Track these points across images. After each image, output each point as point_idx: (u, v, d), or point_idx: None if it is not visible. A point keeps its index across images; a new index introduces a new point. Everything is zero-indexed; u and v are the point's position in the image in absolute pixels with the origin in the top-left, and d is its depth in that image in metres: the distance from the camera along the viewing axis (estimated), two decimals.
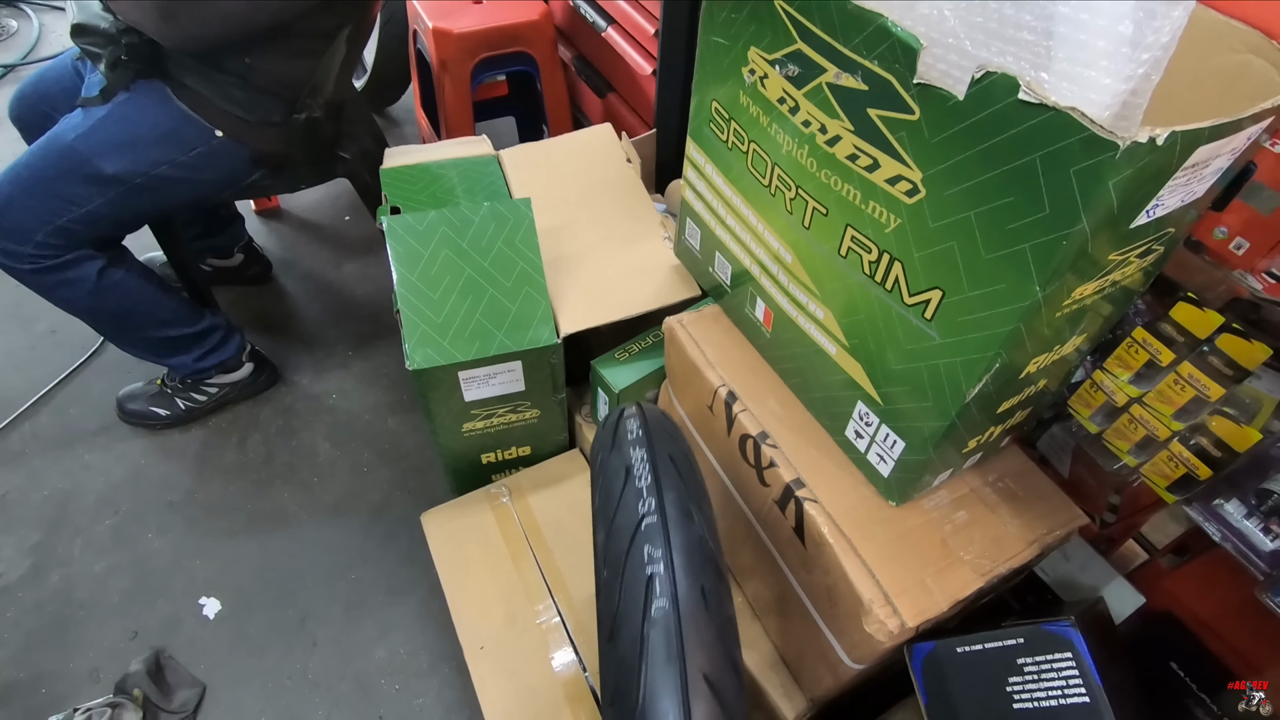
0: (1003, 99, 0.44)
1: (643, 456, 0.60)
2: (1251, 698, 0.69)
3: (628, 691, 0.50)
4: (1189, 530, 0.96)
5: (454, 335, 0.91)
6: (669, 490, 0.58)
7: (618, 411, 0.68)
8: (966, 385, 0.57)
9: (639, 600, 0.52)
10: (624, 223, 1.09)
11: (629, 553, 0.54)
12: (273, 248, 1.70)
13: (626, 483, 0.58)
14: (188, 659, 1.09)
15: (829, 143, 0.59)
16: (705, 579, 0.54)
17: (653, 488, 0.57)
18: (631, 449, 0.61)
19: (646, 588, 0.52)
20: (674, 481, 0.59)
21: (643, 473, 0.59)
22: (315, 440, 1.36)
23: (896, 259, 0.58)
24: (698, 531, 0.57)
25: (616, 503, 0.58)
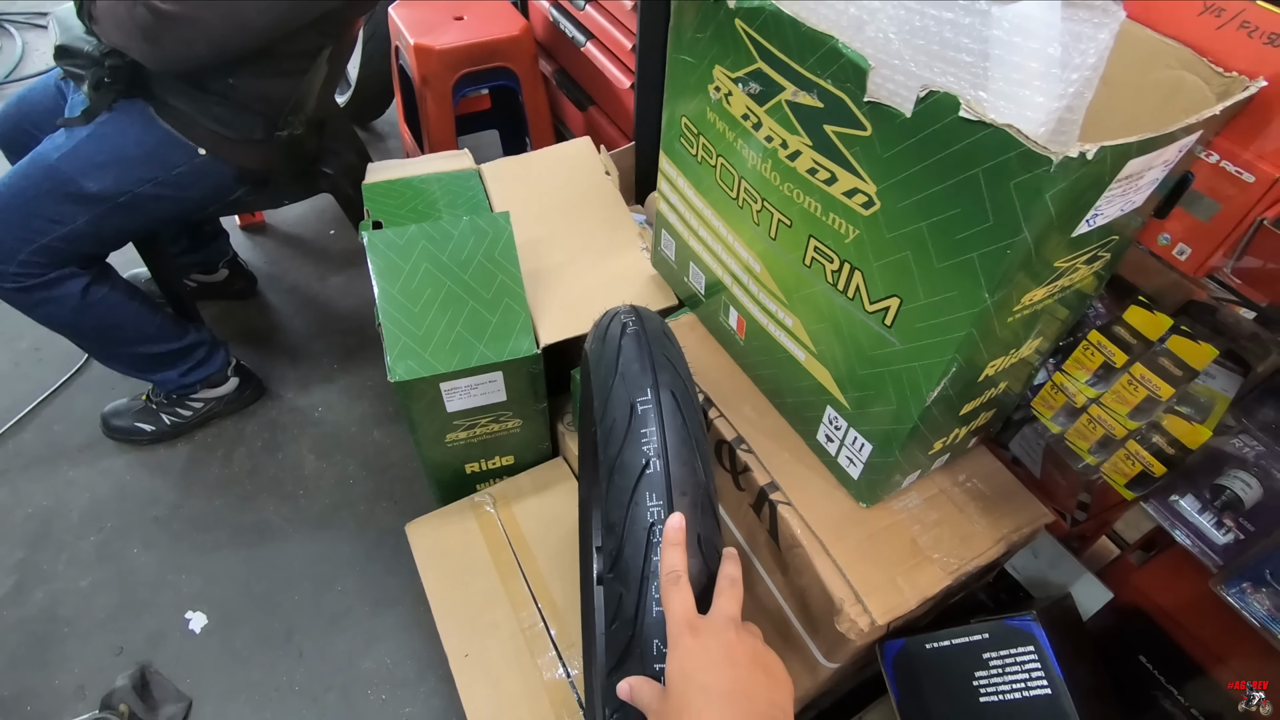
0: (945, 116, 0.47)
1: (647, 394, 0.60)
2: (1251, 698, 0.69)
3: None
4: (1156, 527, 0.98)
5: (435, 347, 0.92)
6: (671, 434, 0.58)
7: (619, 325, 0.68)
8: (926, 388, 0.60)
9: (640, 544, 0.54)
10: (602, 234, 1.11)
11: (633, 496, 0.55)
12: (257, 262, 1.71)
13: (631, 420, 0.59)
14: (174, 673, 1.09)
15: (790, 157, 0.61)
16: (702, 529, 0.56)
17: (658, 431, 0.57)
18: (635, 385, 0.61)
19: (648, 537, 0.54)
20: (676, 423, 0.59)
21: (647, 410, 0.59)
22: (301, 453, 1.37)
23: (856, 268, 0.60)
24: (697, 474, 0.58)
25: (622, 439, 0.58)
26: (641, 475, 0.55)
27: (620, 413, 0.58)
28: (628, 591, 0.53)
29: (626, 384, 0.59)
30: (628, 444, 0.56)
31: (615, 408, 0.59)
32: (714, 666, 0.48)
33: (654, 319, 0.70)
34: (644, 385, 0.59)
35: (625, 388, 0.59)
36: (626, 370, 0.60)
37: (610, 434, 0.58)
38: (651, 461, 0.55)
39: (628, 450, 0.56)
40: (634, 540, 0.54)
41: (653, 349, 0.63)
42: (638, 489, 0.54)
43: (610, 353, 0.64)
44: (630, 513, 0.54)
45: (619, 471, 0.56)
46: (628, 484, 0.55)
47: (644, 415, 0.57)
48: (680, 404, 0.59)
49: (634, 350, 0.62)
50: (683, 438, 0.58)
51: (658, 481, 0.55)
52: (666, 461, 0.55)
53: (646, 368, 0.60)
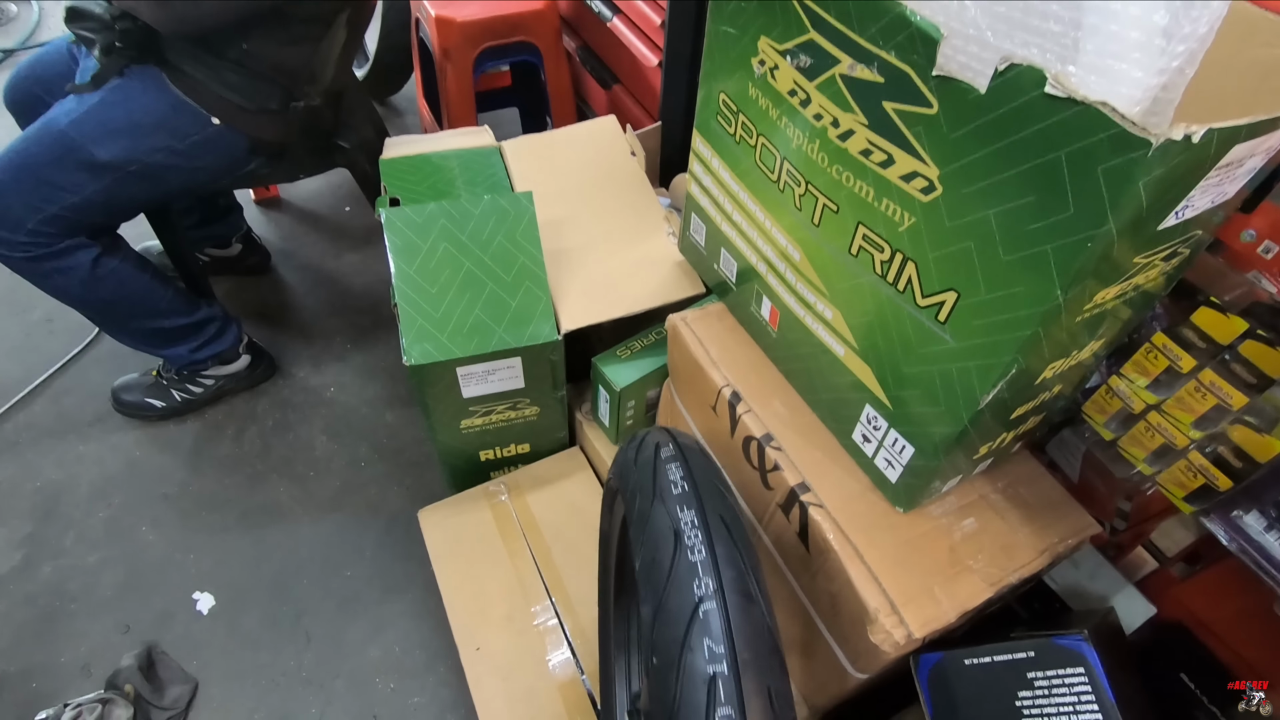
0: (1027, 93, 0.42)
1: (693, 520, 0.54)
2: (1252, 698, 0.68)
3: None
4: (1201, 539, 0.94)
5: (452, 330, 0.89)
6: (726, 567, 0.52)
7: (651, 446, 0.63)
8: (980, 390, 0.55)
9: (700, 705, 0.47)
10: (627, 217, 1.06)
11: (685, 643, 0.49)
12: (271, 237, 1.68)
13: (677, 552, 0.53)
14: (181, 654, 1.07)
15: (841, 137, 0.57)
16: (772, 679, 0.50)
17: (709, 564, 0.52)
18: (679, 508, 0.55)
19: (709, 692, 0.47)
20: (730, 554, 0.53)
21: (695, 543, 0.53)
22: (312, 434, 1.34)
23: (910, 259, 0.56)
24: (760, 618, 0.52)
25: (666, 576, 0.52)
26: (693, 621, 0.49)
27: (663, 542, 0.53)
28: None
29: (684, 582, 0.52)
30: (672, 583, 0.50)
31: (673, 598, 0.52)
32: None
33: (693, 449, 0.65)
34: (706, 579, 0.52)
35: (683, 587, 0.52)
36: (681, 562, 0.53)
37: (653, 564, 0.52)
38: (705, 603, 0.49)
39: (673, 590, 0.50)
40: (691, 700, 0.48)
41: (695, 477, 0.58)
42: (690, 634, 0.48)
43: (660, 527, 0.56)
44: (684, 660, 0.48)
45: (665, 614, 0.50)
46: (678, 630, 0.49)
47: (704, 621, 0.50)
48: (731, 532, 0.54)
49: (695, 530, 0.55)
50: (740, 570, 0.52)
51: (715, 628, 0.49)
52: (725, 603, 0.50)
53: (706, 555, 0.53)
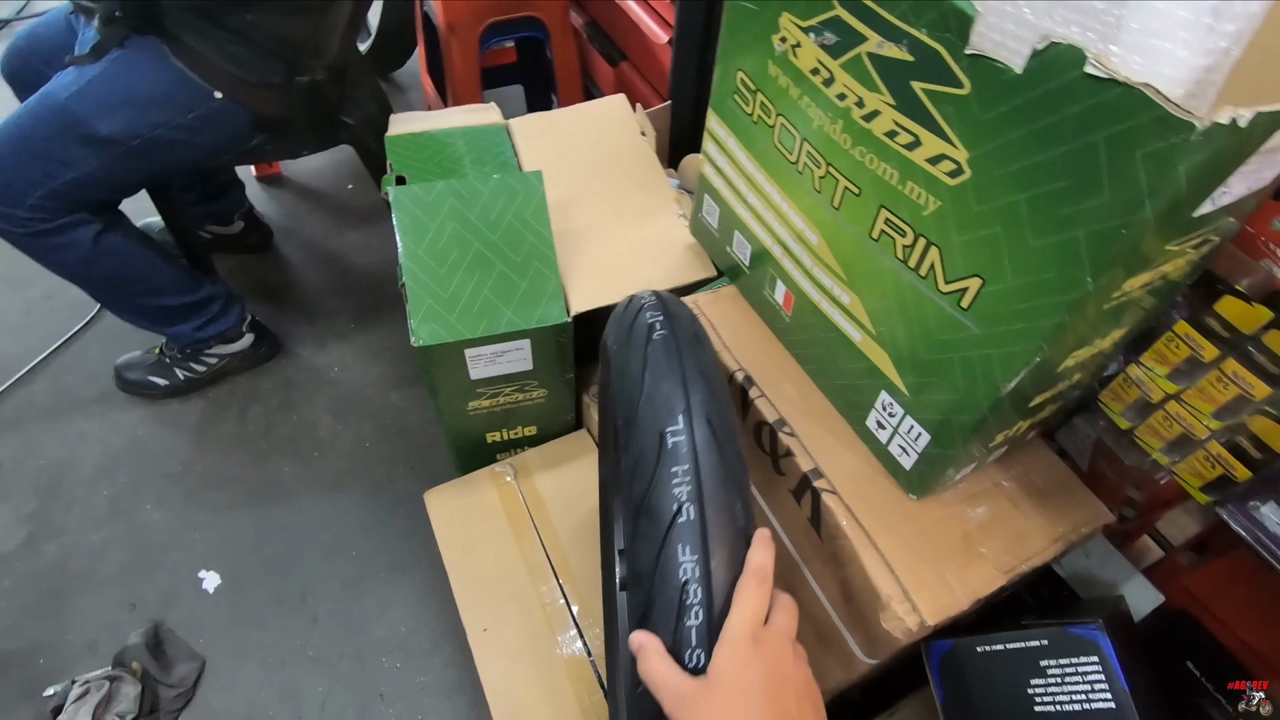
0: (1066, 73, 0.41)
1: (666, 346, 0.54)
2: (1252, 698, 0.68)
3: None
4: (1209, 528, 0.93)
5: (461, 311, 0.88)
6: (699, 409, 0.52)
7: (637, 302, 0.62)
8: (1003, 379, 0.55)
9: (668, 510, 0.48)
10: (637, 198, 1.05)
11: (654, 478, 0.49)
12: (273, 215, 1.66)
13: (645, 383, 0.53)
14: (187, 633, 1.08)
15: (866, 118, 0.55)
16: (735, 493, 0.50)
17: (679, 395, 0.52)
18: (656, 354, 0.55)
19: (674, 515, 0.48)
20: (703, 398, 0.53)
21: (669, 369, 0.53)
22: (316, 413, 1.34)
23: (934, 243, 0.55)
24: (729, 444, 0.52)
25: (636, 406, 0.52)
26: (673, 524, 0.47)
27: (648, 442, 0.50)
28: None
29: (655, 408, 0.51)
30: (657, 484, 0.48)
31: (642, 435, 0.51)
32: (767, 680, 0.44)
33: (684, 316, 0.62)
34: (675, 411, 0.51)
35: (653, 412, 0.51)
36: (654, 391, 0.52)
37: (637, 466, 0.51)
38: (685, 509, 0.47)
39: (657, 491, 0.48)
40: (665, 599, 0.47)
41: (684, 362, 0.55)
42: (669, 539, 0.47)
43: (635, 361, 0.55)
44: (661, 566, 0.47)
45: (647, 515, 0.49)
46: (658, 532, 0.48)
47: (675, 450, 0.49)
48: (718, 435, 0.52)
49: (663, 363, 0.54)
50: (720, 479, 0.50)
51: (692, 533, 0.47)
52: (702, 509, 0.48)
53: (678, 388, 0.52)
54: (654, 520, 0.48)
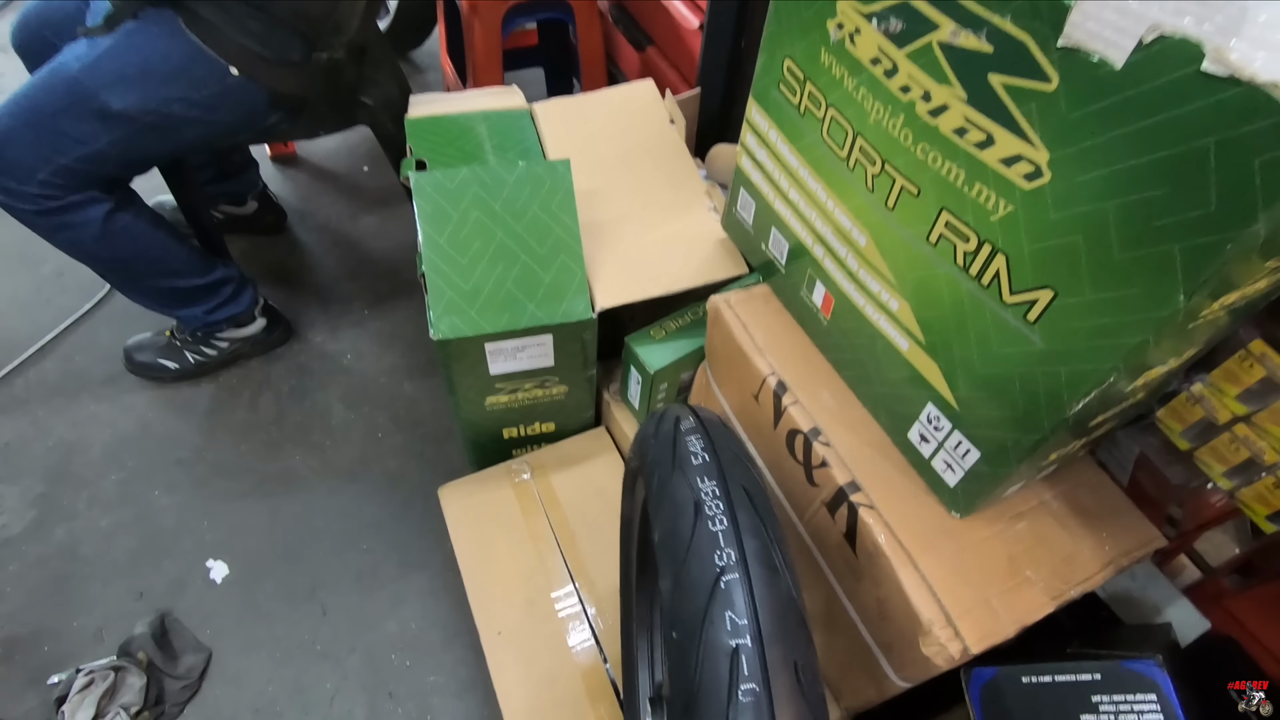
0: (1176, 70, 0.37)
1: (714, 491, 0.52)
2: (1252, 698, 0.67)
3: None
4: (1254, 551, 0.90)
5: (482, 304, 0.85)
6: (750, 537, 0.50)
7: (671, 419, 0.60)
8: (1070, 399, 0.51)
9: (722, 679, 0.45)
10: (665, 189, 1.01)
11: (707, 615, 0.47)
12: (288, 196, 1.62)
13: (697, 523, 0.50)
14: (194, 623, 1.06)
15: (933, 112, 0.51)
16: (798, 652, 0.47)
17: (730, 534, 0.50)
18: (699, 478, 0.53)
19: (731, 664, 0.45)
20: (753, 524, 0.51)
21: (716, 512, 0.51)
22: (329, 401, 1.31)
23: (1000, 251, 0.51)
24: (785, 588, 0.50)
25: (686, 547, 0.50)
26: (714, 593, 0.46)
27: (683, 512, 0.50)
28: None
29: (704, 548, 0.50)
30: (693, 554, 0.48)
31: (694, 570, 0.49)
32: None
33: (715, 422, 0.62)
34: (727, 544, 0.50)
35: (703, 555, 0.49)
36: (702, 532, 0.50)
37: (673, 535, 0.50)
38: (727, 574, 0.47)
39: (693, 561, 0.48)
40: (713, 674, 0.45)
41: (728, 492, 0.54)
42: (712, 607, 0.46)
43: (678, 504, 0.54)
44: (705, 634, 0.45)
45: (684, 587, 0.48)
46: (699, 602, 0.46)
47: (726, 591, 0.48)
48: (754, 502, 0.51)
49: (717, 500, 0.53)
50: (764, 541, 0.50)
51: (738, 600, 0.46)
52: (748, 574, 0.47)
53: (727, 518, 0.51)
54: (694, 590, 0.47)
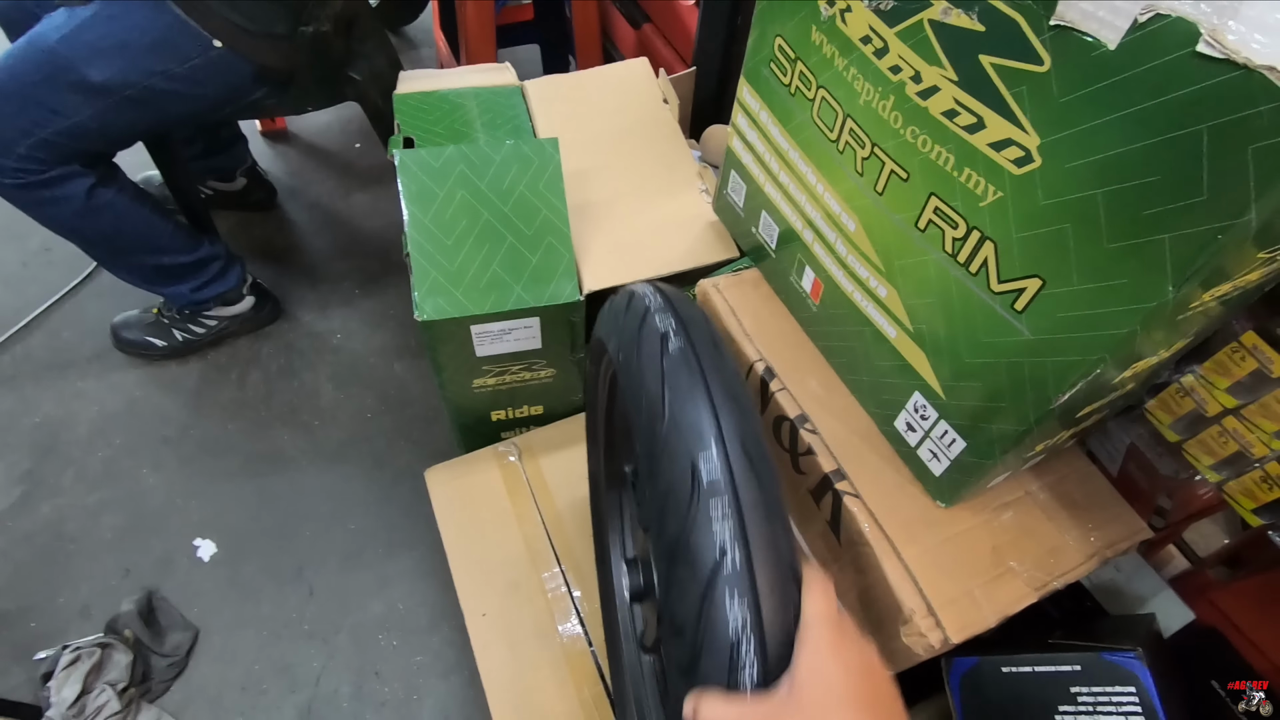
0: (1170, 51, 0.36)
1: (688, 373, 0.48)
2: (1252, 698, 0.66)
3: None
4: (1242, 542, 0.89)
5: (468, 286, 0.83)
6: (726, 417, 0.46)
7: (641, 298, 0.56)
8: (1055, 390, 0.50)
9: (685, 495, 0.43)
10: (658, 171, 0.99)
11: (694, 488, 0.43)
12: (278, 173, 1.60)
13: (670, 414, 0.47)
14: (181, 601, 1.06)
15: (922, 94, 0.50)
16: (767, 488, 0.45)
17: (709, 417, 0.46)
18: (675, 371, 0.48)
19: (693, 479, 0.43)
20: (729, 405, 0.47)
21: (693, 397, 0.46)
22: (318, 381, 1.30)
23: (989, 238, 0.50)
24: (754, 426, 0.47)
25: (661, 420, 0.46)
26: (717, 571, 0.41)
27: (678, 475, 0.44)
28: None
29: (682, 435, 0.45)
30: (694, 524, 0.42)
31: (670, 465, 0.45)
32: (862, 677, 0.39)
33: (698, 319, 0.55)
34: (707, 439, 0.44)
35: (681, 440, 0.44)
36: (679, 416, 0.45)
37: (667, 502, 0.44)
38: (729, 553, 0.41)
39: (695, 533, 0.42)
40: (714, 655, 0.41)
41: (709, 380, 0.48)
42: (713, 588, 0.41)
43: (651, 378, 0.48)
44: (706, 618, 0.41)
45: (684, 560, 0.42)
46: (698, 580, 0.41)
47: (711, 485, 0.43)
48: (755, 463, 0.46)
49: (685, 381, 0.47)
50: (764, 513, 0.44)
51: (739, 580, 0.41)
52: (749, 552, 0.41)
53: (706, 412, 0.45)
54: (693, 566, 0.42)
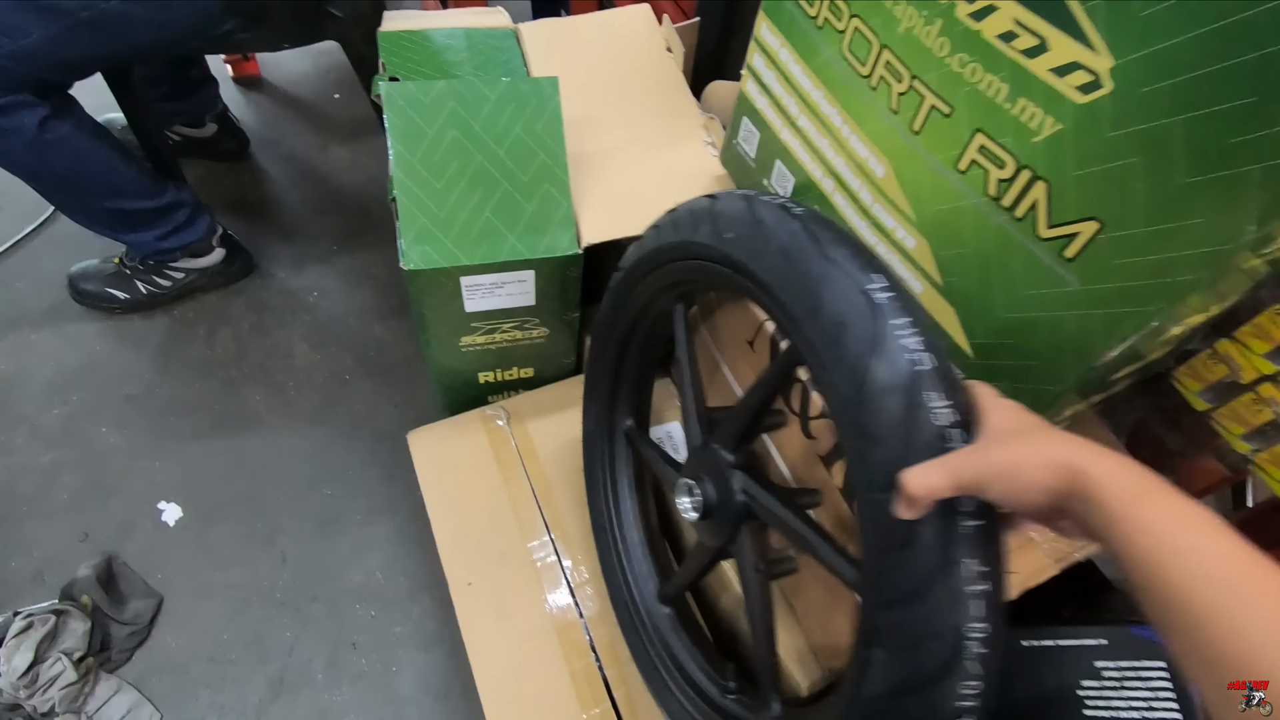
0: None
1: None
2: (1252, 698, 0.65)
3: None
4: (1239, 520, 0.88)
5: (458, 233, 0.78)
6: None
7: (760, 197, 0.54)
8: (1102, 346, 0.46)
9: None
10: (660, 120, 0.94)
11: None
12: (251, 122, 1.51)
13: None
14: (143, 567, 1.00)
15: (976, 15, 0.45)
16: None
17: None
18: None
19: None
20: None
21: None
22: (292, 340, 1.23)
23: (1041, 178, 0.46)
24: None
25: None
26: (915, 374, 0.40)
27: (852, 303, 0.43)
28: None
29: (845, 270, 0.44)
30: (883, 340, 0.41)
31: (836, 297, 0.44)
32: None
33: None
34: (870, 268, 0.44)
35: (846, 275, 0.44)
36: (834, 254, 0.45)
37: (844, 330, 0.43)
38: (921, 358, 0.41)
39: (887, 348, 0.41)
40: (925, 446, 0.40)
41: (837, 226, 0.49)
42: (917, 389, 0.40)
43: (788, 235, 0.47)
44: (912, 415, 0.40)
45: (881, 371, 0.41)
46: (899, 386, 0.41)
47: (892, 307, 0.42)
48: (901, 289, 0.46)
49: (827, 229, 0.47)
50: (930, 321, 0.45)
51: (937, 379, 0.40)
52: (939, 356, 0.41)
53: (856, 249, 0.46)
54: (894, 373, 0.41)
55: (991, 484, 0.35)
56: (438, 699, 0.94)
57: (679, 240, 0.59)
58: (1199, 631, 0.29)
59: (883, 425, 0.41)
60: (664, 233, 0.62)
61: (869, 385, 0.41)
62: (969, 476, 0.36)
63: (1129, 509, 0.31)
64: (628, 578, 0.78)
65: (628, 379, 0.79)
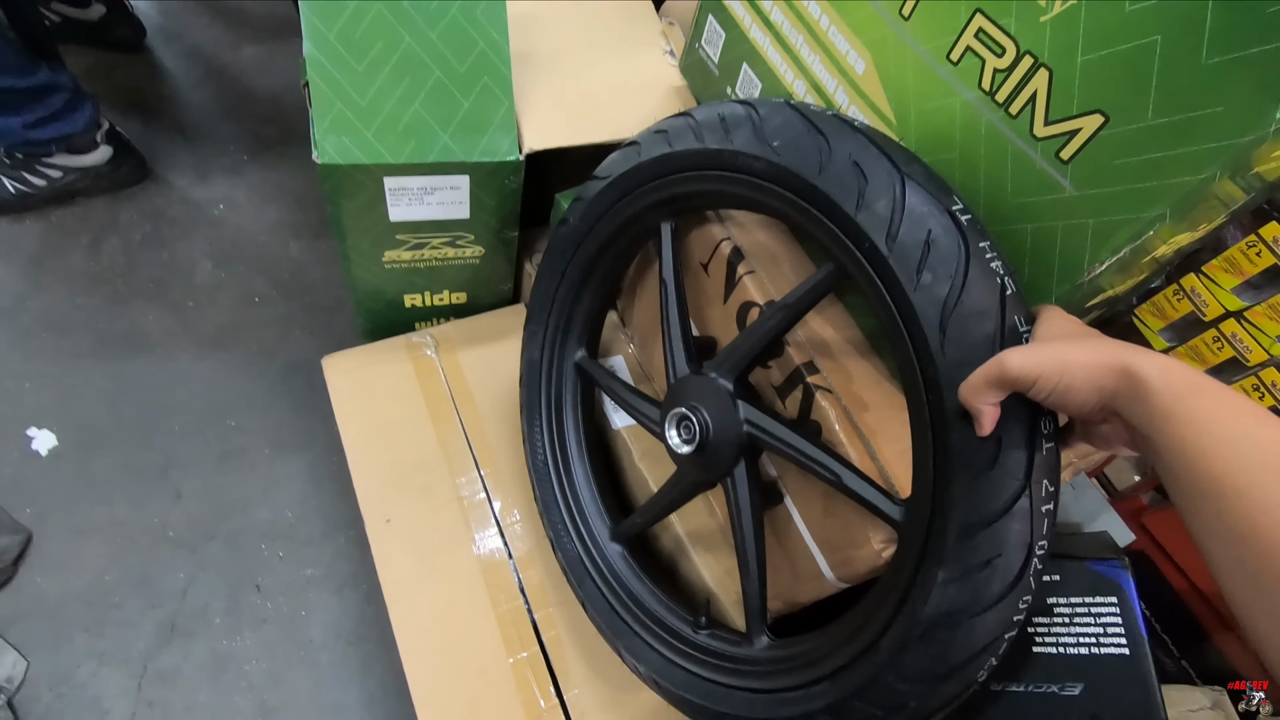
0: None
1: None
2: (1252, 698, 0.68)
3: None
4: None
5: (382, 126, 0.68)
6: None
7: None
8: (1091, 258, 0.43)
9: None
10: (614, 23, 0.86)
11: None
12: (149, 11, 1.33)
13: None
14: (9, 500, 0.88)
15: None
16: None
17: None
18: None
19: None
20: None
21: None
22: (193, 256, 1.10)
23: (1044, 65, 0.41)
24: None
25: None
26: (1006, 300, 0.40)
27: (939, 231, 0.41)
28: None
29: (927, 192, 0.42)
30: (974, 266, 0.40)
31: (916, 228, 0.42)
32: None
33: None
34: (947, 189, 0.43)
35: (926, 198, 0.42)
36: (913, 173, 0.43)
37: (928, 257, 0.41)
38: (1006, 283, 0.40)
39: (978, 273, 0.40)
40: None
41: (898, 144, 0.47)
42: (1006, 312, 0.40)
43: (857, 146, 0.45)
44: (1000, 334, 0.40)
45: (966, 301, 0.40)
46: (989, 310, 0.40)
47: (972, 226, 0.41)
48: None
49: (892, 144, 0.45)
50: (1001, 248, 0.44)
51: (1019, 302, 0.40)
52: (1016, 280, 0.41)
53: (925, 165, 0.44)
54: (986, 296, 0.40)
55: (1041, 379, 0.35)
56: (351, 644, 0.87)
57: (700, 149, 0.53)
58: (1230, 510, 0.29)
59: (972, 348, 0.40)
60: (677, 139, 0.55)
61: (961, 308, 0.40)
62: (1018, 370, 0.36)
63: (1177, 405, 0.31)
64: (575, 518, 0.73)
65: (585, 305, 0.72)
